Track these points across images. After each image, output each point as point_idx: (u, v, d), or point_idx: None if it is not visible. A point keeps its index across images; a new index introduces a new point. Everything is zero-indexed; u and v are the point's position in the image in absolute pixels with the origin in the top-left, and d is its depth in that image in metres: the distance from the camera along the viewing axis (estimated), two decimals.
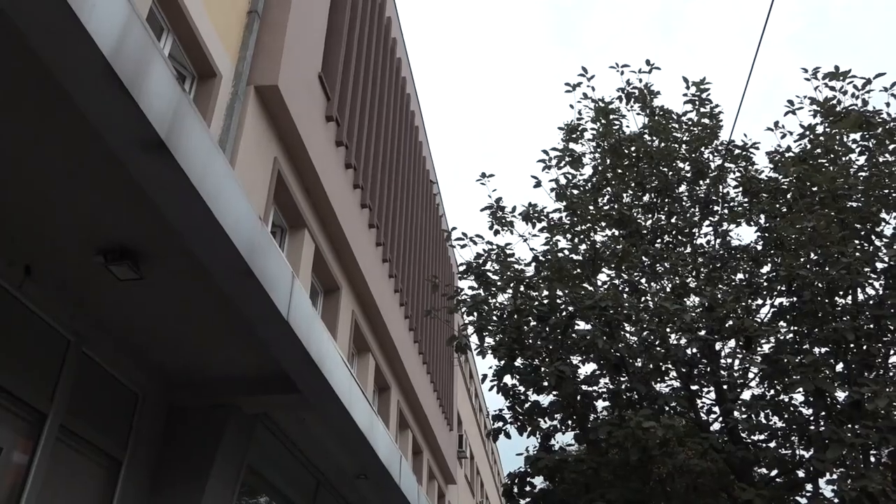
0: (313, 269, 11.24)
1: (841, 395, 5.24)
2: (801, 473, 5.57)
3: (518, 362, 6.28)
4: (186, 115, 3.92)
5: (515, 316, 6.95)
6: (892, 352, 5.46)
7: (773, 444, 5.91)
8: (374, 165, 14.06)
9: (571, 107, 12.20)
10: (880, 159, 8.85)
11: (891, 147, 8.82)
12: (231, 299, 5.18)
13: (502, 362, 6.23)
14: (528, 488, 5.87)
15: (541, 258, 8.64)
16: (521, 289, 7.63)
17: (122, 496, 5.96)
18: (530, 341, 6.20)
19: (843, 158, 9.17)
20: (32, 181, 4.25)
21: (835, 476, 4.61)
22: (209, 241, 4.40)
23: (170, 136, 3.73)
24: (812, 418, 5.53)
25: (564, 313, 6.72)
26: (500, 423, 6.03)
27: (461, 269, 9.17)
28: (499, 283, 7.81)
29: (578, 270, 8.66)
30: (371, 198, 13.64)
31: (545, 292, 7.36)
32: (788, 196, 8.92)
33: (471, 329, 7.42)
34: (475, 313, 7.51)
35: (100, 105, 3.45)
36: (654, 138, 10.73)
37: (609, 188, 10.55)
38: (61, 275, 5.13)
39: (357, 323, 13.09)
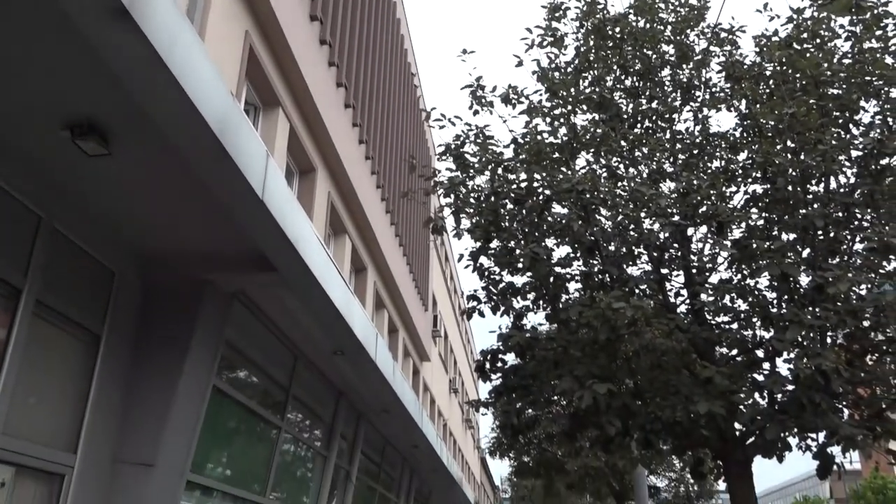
0: (288, 150, 11.05)
1: (805, 279, 5.40)
2: (760, 353, 5.83)
3: (494, 244, 6.35)
4: None
5: (492, 198, 6.95)
6: (857, 238, 5.60)
7: (735, 326, 6.13)
8: (349, 43, 13.56)
9: None
10: (865, 45, 8.71)
11: (877, 33, 8.66)
12: (204, 178, 5.10)
13: (478, 244, 6.30)
14: (499, 364, 6.09)
15: (519, 140, 8.56)
16: (499, 171, 7.59)
17: (102, 371, 6.08)
18: (506, 224, 6.25)
19: (829, 44, 9.01)
20: None
21: (792, 355, 4.83)
22: (178, 116, 4.27)
23: (133, 3, 3.53)
24: (775, 301, 5.72)
25: (541, 196, 6.73)
26: (475, 303, 6.18)
27: (439, 150, 9.07)
28: (476, 166, 7.76)
29: (557, 154, 8.61)
30: (347, 77, 13.24)
31: (523, 175, 7.34)
32: (771, 82, 8.81)
33: (447, 211, 7.43)
34: (452, 195, 7.49)
35: None
36: (640, 18, 10.41)
37: (591, 71, 10.33)
38: (29, 151, 4.99)
39: (333, 204, 13.05)
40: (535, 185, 7.16)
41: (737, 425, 5.44)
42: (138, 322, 6.68)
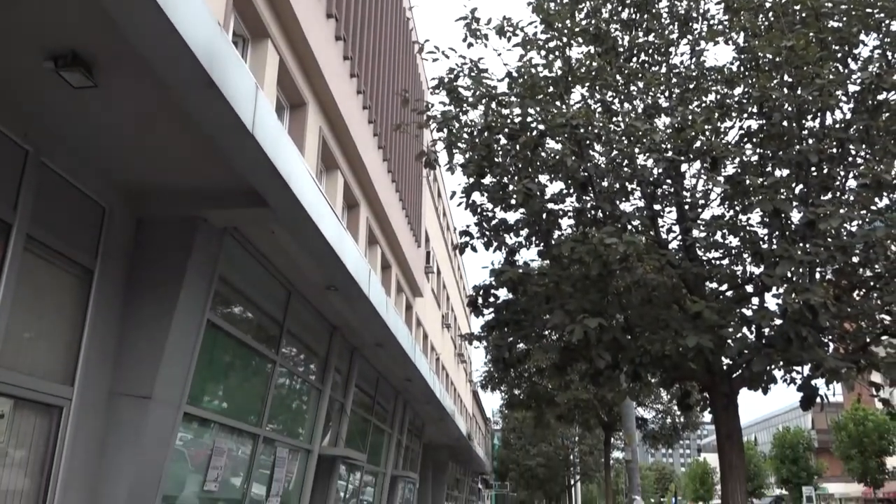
0: (278, 83, 10.85)
1: (797, 216, 5.41)
2: (749, 288, 5.88)
3: (487, 180, 6.31)
4: None
5: (486, 133, 6.87)
6: (850, 174, 5.59)
7: (726, 262, 6.17)
8: None
9: None
10: None
11: None
12: (192, 111, 5.01)
13: (471, 179, 6.26)
14: (492, 299, 6.14)
15: (514, 74, 8.41)
16: (493, 106, 7.47)
17: (95, 305, 6.11)
18: (500, 159, 6.19)
19: None
20: None
21: (781, 290, 4.88)
22: (164, 47, 4.16)
23: None
24: (766, 237, 5.75)
25: (535, 131, 6.65)
26: (468, 238, 6.18)
27: (432, 84, 8.91)
28: (470, 100, 7.63)
29: (551, 88, 8.48)
30: (337, 8, 12.90)
31: (517, 110, 7.22)
32: (770, 14, 8.63)
33: (441, 146, 7.35)
34: (445, 130, 7.39)
35: None
36: None
37: (588, 2, 10.09)
38: (13, 84, 4.88)
39: (325, 139, 12.90)
40: (529, 119, 7.07)
41: (724, 359, 5.54)
42: (131, 257, 6.68)
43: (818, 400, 4.96)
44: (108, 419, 6.28)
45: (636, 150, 6.21)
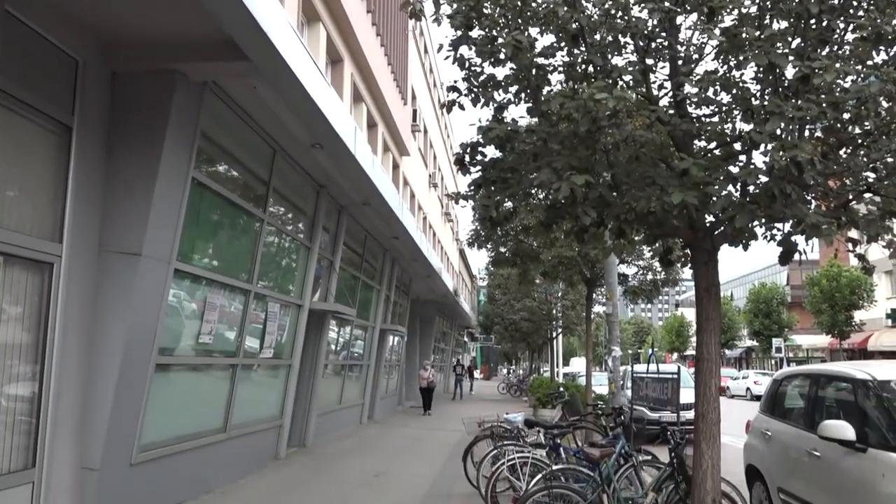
0: None
1: (791, 71, 5.29)
2: (737, 146, 5.85)
3: (475, 32, 6.05)
4: None
5: None
6: (850, 27, 5.41)
7: (716, 119, 6.10)
8: None
9: None
10: None
11: None
12: None
13: (459, 32, 6.01)
14: (479, 157, 6.08)
15: None
16: None
17: (77, 162, 6.02)
18: (488, 9, 5.92)
19: None
20: None
21: (769, 147, 4.86)
22: None
23: None
24: (759, 94, 5.65)
25: None
26: (455, 95, 6.02)
27: None
28: None
29: None
30: None
31: None
32: None
33: None
34: None
35: None
36: None
37: None
38: None
39: None
40: None
41: (708, 216, 5.60)
42: (110, 114, 6.51)
43: (797, 255, 5.07)
44: (99, 276, 6.37)
45: (631, 1, 5.94)
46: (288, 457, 11.64)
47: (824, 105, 4.80)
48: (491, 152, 6.13)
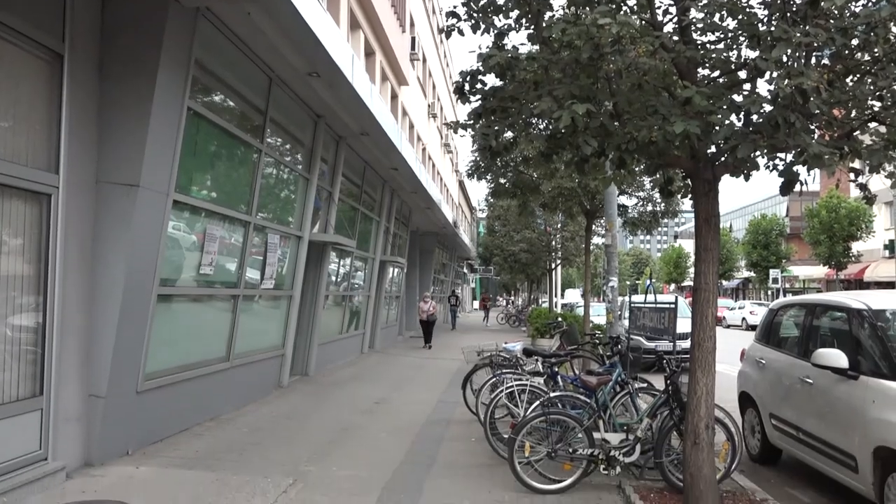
0: None
1: None
2: (742, 75, 5.74)
3: None
4: None
5: None
6: None
7: (721, 46, 5.97)
8: None
9: None
10: None
11: None
12: None
13: None
14: (479, 86, 5.97)
15: None
16: None
17: (71, 92, 5.91)
18: None
19: None
20: None
21: (775, 75, 4.77)
22: None
23: None
24: (766, 19, 5.51)
25: None
26: (454, 21, 5.86)
27: None
28: None
29: None
30: None
31: None
32: None
33: None
34: None
35: None
36: None
37: None
38: None
39: None
40: None
41: (710, 146, 5.54)
42: (101, 42, 6.35)
43: (798, 186, 5.04)
44: (98, 207, 6.35)
45: None
46: (291, 385, 11.89)
47: (833, 31, 4.69)
48: (491, 81, 6.01)
